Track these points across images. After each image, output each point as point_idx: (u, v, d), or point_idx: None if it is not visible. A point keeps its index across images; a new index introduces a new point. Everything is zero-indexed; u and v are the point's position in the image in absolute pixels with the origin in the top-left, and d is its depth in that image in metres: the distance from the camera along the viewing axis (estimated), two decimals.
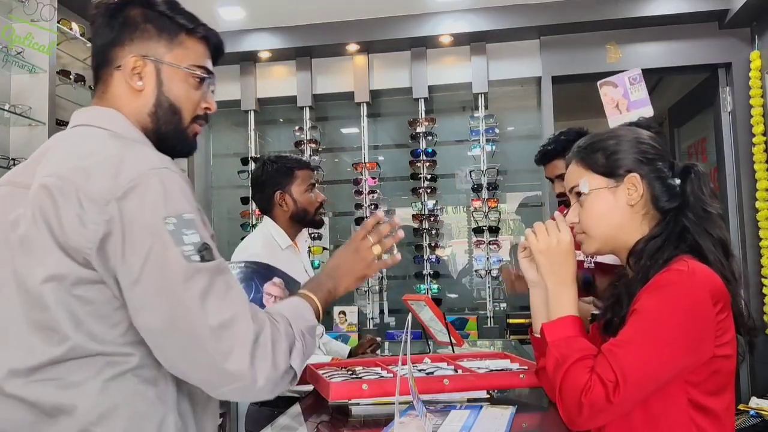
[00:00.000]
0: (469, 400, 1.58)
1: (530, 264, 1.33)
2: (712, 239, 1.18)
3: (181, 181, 1.00)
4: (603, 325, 1.23)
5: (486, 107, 4.22)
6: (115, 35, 1.14)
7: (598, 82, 2.46)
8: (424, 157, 4.21)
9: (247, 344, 0.97)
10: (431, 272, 4.16)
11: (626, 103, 2.38)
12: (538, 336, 1.32)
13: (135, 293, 0.96)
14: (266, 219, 2.38)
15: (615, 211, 1.24)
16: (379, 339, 2.74)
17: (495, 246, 4.09)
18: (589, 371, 1.10)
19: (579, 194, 1.29)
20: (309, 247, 4.24)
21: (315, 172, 2.46)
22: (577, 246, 1.31)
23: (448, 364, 1.80)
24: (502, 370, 1.72)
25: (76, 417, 0.96)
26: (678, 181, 1.24)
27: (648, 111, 2.39)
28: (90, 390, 0.97)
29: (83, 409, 0.96)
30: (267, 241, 2.30)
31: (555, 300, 1.24)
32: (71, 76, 3.23)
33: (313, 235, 4.23)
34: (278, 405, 2.04)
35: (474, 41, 4.13)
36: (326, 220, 4.33)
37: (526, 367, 1.66)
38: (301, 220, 2.37)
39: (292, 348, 1.04)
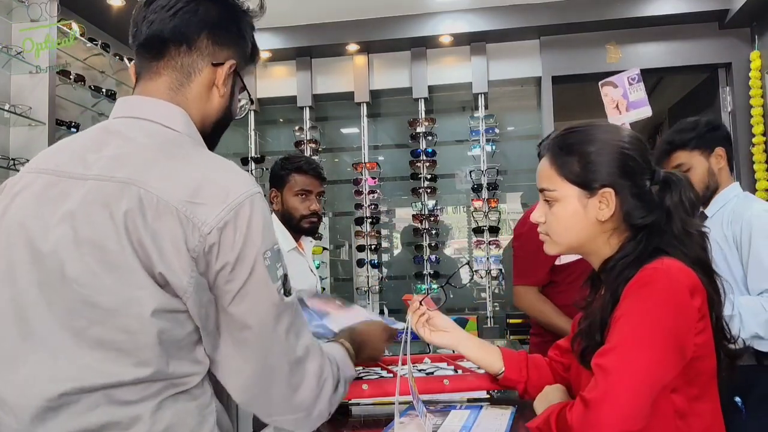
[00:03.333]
0: (469, 400, 1.58)
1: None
2: (690, 258, 1.12)
3: (266, 204, 0.97)
4: (579, 353, 1.17)
5: (486, 107, 4.22)
6: (235, 35, 1.07)
7: (600, 83, 2.46)
8: (424, 157, 4.21)
9: (315, 379, 1.00)
10: (431, 272, 4.16)
11: (625, 103, 2.39)
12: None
13: (223, 323, 0.93)
14: (272, 216, 2.38)
15: (583, 224, 1.18)
16: None
17: (495, 246, 4.09)
18: (566, 406, 1.06)
19: (548, 197, 1.22)
20: None
21: (318, 180, 2.36)
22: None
23: (448, 364, 1.80)
24: None
25: None
26: (657, 190, 1.17)
27: (646, 111, 2.39)
28: (145, 409, 0.90)
29: (138, 428, 0.89)
30: None
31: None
32: (71, 76, 3.23)
33: None
34: None
35: (474, 41, 4.13)
36: (326, 220, 4.33)
37: None
38: (287, 223, 2.33)
39: (336, 391, 1.06)
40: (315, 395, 1.00)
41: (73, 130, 3.21)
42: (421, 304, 1.41)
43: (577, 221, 1.18)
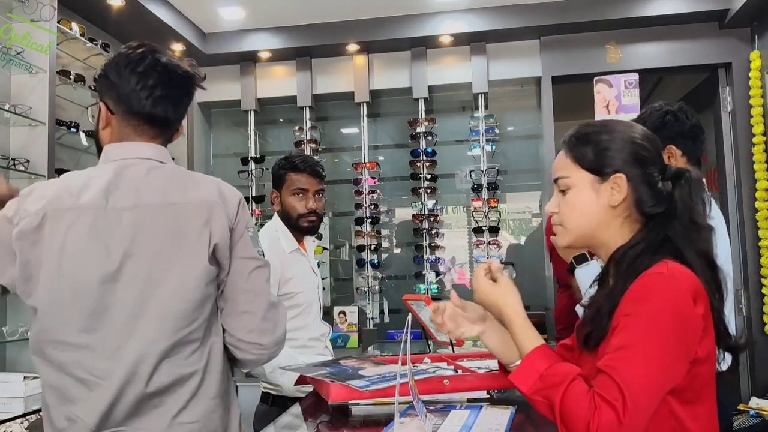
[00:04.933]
0: (469, 400, 1.58)
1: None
2: (696, 251, 1.14)
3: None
4: (583, 338, 1.18)
5: (486, 107, 4.22)
6: (185, 110, 1.48)
7: (595, 78, 2.45)
8: (424, 157, 4.21)
9: (285, 323, 1.42)
10: (431, 272, 4.16)
11: (617, 105, 2.38)
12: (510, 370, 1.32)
13: (231, 276, 1.35)
14: (275, 216, 2.38)
15: (595, 209, 1.21)
16: None
17: (495, 246, 4.09)
18: (585, 395, 1.03)
19: (562, 185, 1.26)
20: None
21: (315, 177, 2.34)
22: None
23: (448, 364, 1.81)
24: None
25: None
26: (668, 186, 1.20)
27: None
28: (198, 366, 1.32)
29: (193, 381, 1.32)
30: (273, 242, 2.27)
31: (516, 341, 1.22)
32: (71, 76, 3.23)
33: None
34: (287, 405, 2.10)
35: (474, 41, 4.13)
36: (326, 220, 4.32)
37: None
38: (287, 223, 2.33)
39: None
40: (282, 335, 1.41)
41: (72, 130, 3.20)
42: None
43: (590, 207, 1.21)
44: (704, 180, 2.01)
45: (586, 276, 1.94)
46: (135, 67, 1.35)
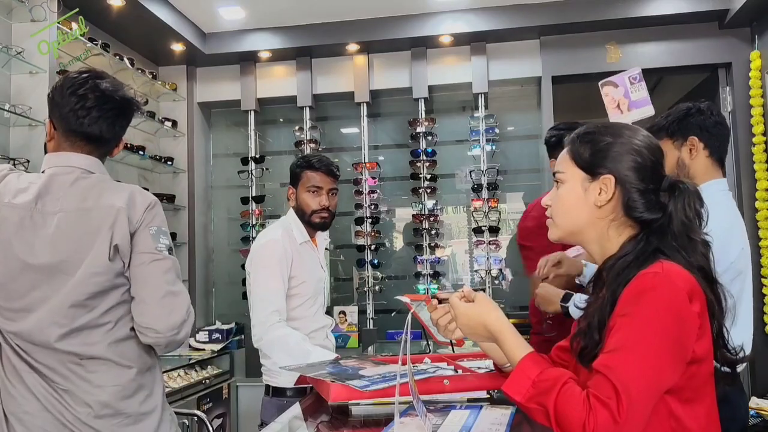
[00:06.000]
0: (469, 400, 1.58)
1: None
2: (691, 266, 1.13)
3: (161, 207, 1.65)
4: (578, 352, 1.18)
5: (486, 107, 4.22)
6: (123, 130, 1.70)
7: (600, 83, 2.44)
8: (424, 157, 4.21)
9: (184, 310, 1.58)
10: (431, 272, 4.16)
11: (627, 102, 2.37)
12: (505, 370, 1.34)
13: (132, 268, 1.56)
14: (289, 211, 2.49)
15: (581, 208, 1.23)
16: None
17: (495, 246, 4.09)
18: (578, 396, 1.03)
19: (558, 180, 1.29)
20: None
21: (329, 177, 2.43)
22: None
23: (448, 364, 1.81)
24: None
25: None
26: (665, 197, 1.19)
27: (649, 110, 2.37)
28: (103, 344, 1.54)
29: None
30: (287, 231, 2.40)
31: (505, 352, 1.23)
32: None
33: None
34: (287, 395, 2.24)
35: (474, 41, 4.13)
36: None
37: None
38: (301, 218, 2.44)
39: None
40: (181, 321, 1.56)
41: None
42: (439, 301, 1.41)
43: (577, 204, 1.24)
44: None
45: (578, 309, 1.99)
46: (76, 90, 1.57)
